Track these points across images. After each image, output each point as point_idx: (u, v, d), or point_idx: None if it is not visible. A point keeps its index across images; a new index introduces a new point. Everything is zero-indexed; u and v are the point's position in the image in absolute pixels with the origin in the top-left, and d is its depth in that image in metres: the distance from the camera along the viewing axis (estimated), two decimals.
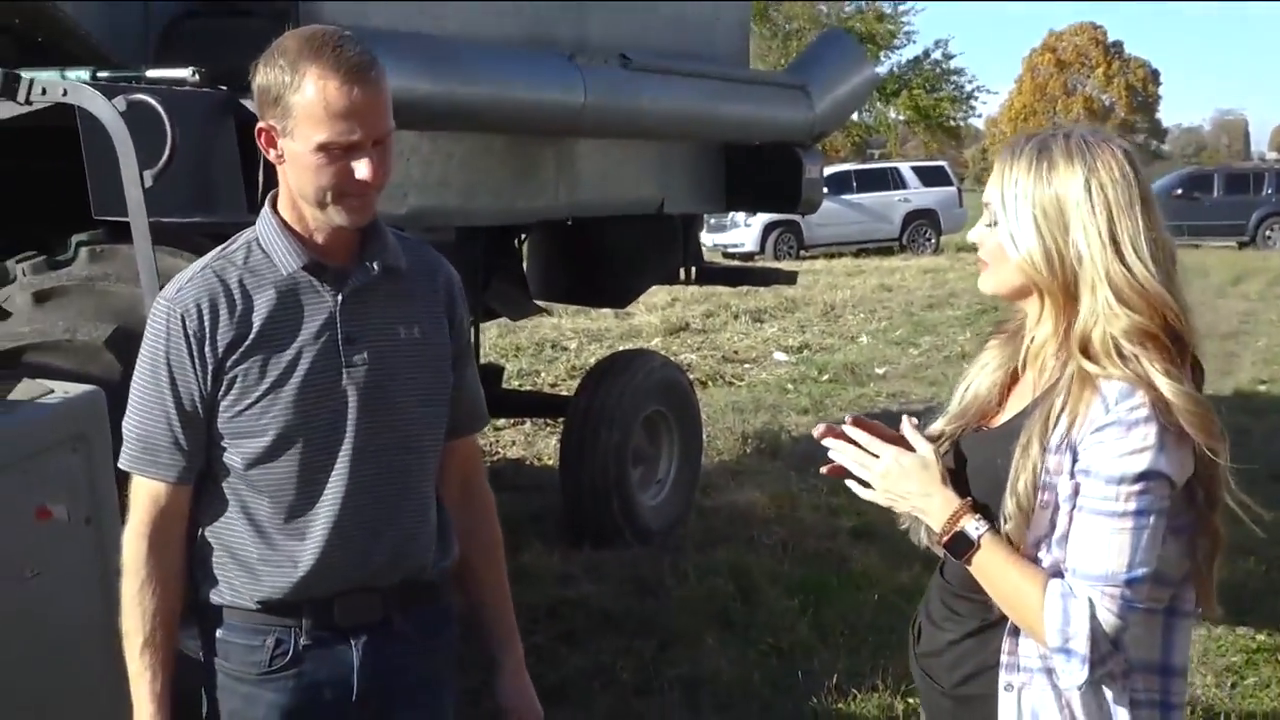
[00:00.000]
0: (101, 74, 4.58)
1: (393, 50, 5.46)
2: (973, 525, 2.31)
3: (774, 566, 6.95)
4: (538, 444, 10.10)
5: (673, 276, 8.65)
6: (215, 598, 2.64)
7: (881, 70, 42.02)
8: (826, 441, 2.45)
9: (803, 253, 30.19)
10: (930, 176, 31.91)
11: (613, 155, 7.32)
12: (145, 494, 2.60)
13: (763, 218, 28.60)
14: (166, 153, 4.01)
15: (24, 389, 3.38)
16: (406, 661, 2.71)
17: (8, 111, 4.19)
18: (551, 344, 15.09)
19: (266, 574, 2.60)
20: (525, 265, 8.59)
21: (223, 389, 2.56)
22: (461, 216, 6.49)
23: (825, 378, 13.53)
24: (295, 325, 2.58)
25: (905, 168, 33.00)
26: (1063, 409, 2.28)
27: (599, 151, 7.20)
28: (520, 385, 12.53)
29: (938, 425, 2.54)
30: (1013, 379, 2.50)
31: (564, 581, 6.84)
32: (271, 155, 2.56)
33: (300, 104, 2.45)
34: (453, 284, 2.81)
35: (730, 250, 29.85)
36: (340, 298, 2.60)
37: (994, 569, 2.30)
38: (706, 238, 30.78)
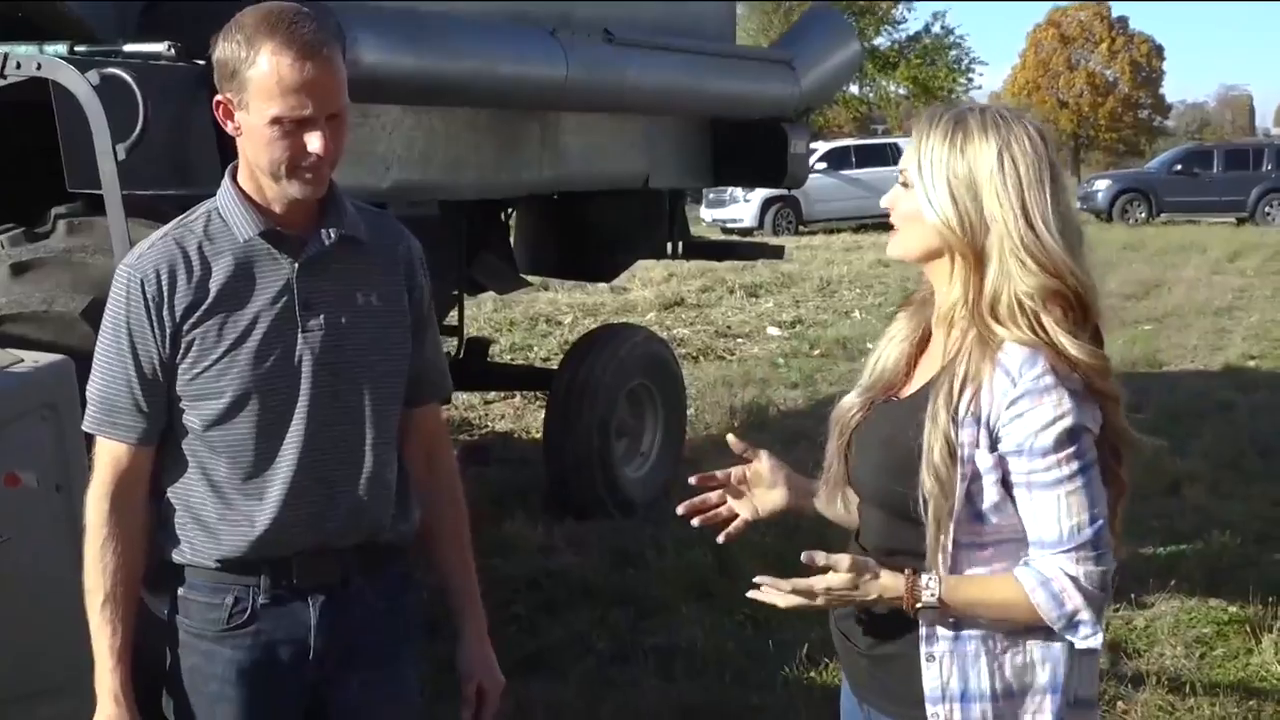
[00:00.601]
0: (79, 48, 4.63)
1: (375, 24, 5.53)
2: (928, 592, 2.37)
3: (754, 539, 6.97)
4: (527, 417, 10.16)
5: (660, 251, 8.68)
6: (177, 556, 2.70)
7: (881, 43, 41.98)
8: (758, 596, 2.49)
9: (801, 228, 30.24)
10: None
11: (598, 130, 7.35)
12: (107, 455, 2.67)
13: (761, 193, 28.64)
14: (139, 126, 4.06)
15: None
16: (364, 622, 2.77)
17: None
18: (546, 319, 15.14)
19: (225, 533, 2.67)
20: (512, 239, 8.63)
21: (181, 352, 2.62)
22: (444, 191, 6.54)
23: (817, 353, 13.58)
24: (252, 291, 2.64)
25: (905, 143, 32.90)
26: (965, 378, 2.36)
27: (584, 126, 7.23)
28: (512, 359, 12.59)
29: (851, 397, 2.61)
30: (920, 349, 2.56)
31: (546, 553, 6.91)
32: (229, 127, 2.62)
33: (255, 78, 2.51)
34: (413, 254, 2.86)
35: (729, 225, 29.89)
36: (297, 265, 2.66)
37: (969, 605, 2.38)
38: (705, 212, 30.90)
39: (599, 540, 7.10)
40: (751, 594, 2.48)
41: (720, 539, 2.72)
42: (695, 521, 2.77)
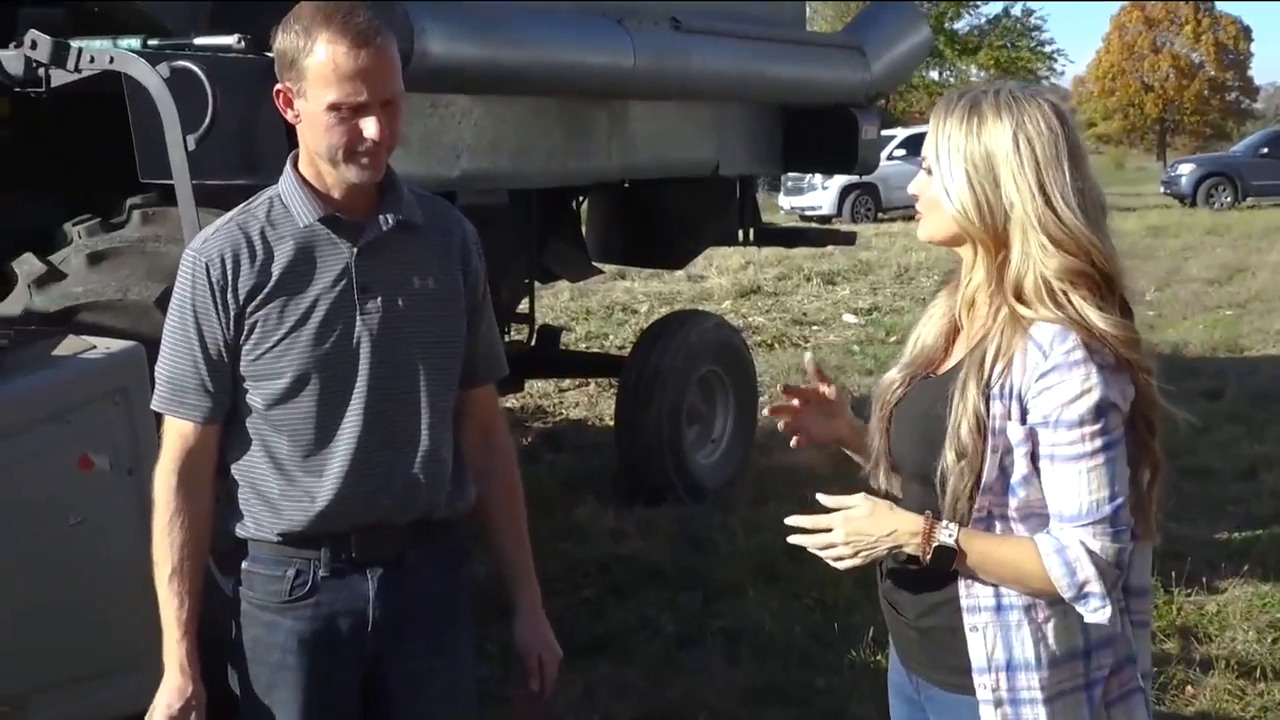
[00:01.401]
0: (152, 42, 4.73)
1: (443, 16, 5.60)
2: (945, 534, 2.41)
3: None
4: (601, 405, 10.21)
5: (730, 237, 8.70)
6: (241, 531, 2.81)
7: (960, 27, 41.67)
8: (795, 540, 2.55)
9: (880, 215, 30.09)
10: None
11: (666, 117, 7.39)
12: (175, 433, 2.78)
13: (840, 180, 28.53)
14: (209, 117, 4.15)
15: (68, 344, 3.54)
16: (420, 595, 2.86)
17: (60, 79, 4.34)
18: (622, 307, 15.18)
19: (286, 508, 2.77)
20: (584, 227, 8.69)
21: (244, 333, 2.72)
22: (513, 179, 6.60)
23: (892, 340, 13.54)
24: (312, 274, 2.74)
25: None
26: (997, 353, 2.39)
27: (652, 114, 7.27)
28: (588, 347, 12.65)
29: (893, 373, 2.65)
30: (959, 326, 2.59)
31: (615, 537, 6.97)
32: (289, 115, 2.73)
33: (312, 66, 2.62)
34: (467, 239, 2.95)
35: (808, 213, 29.81)
36: (356, 249, 2.75)
37: (982, 559, 2.41)
38: (783, 200, 30.85)
39: (669, 525, 7.14)
40: (790, 539, 2.54)
41: (792, 444, 2.82)
42: (780, 425, 2.84)
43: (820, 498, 2.55)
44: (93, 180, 5.18)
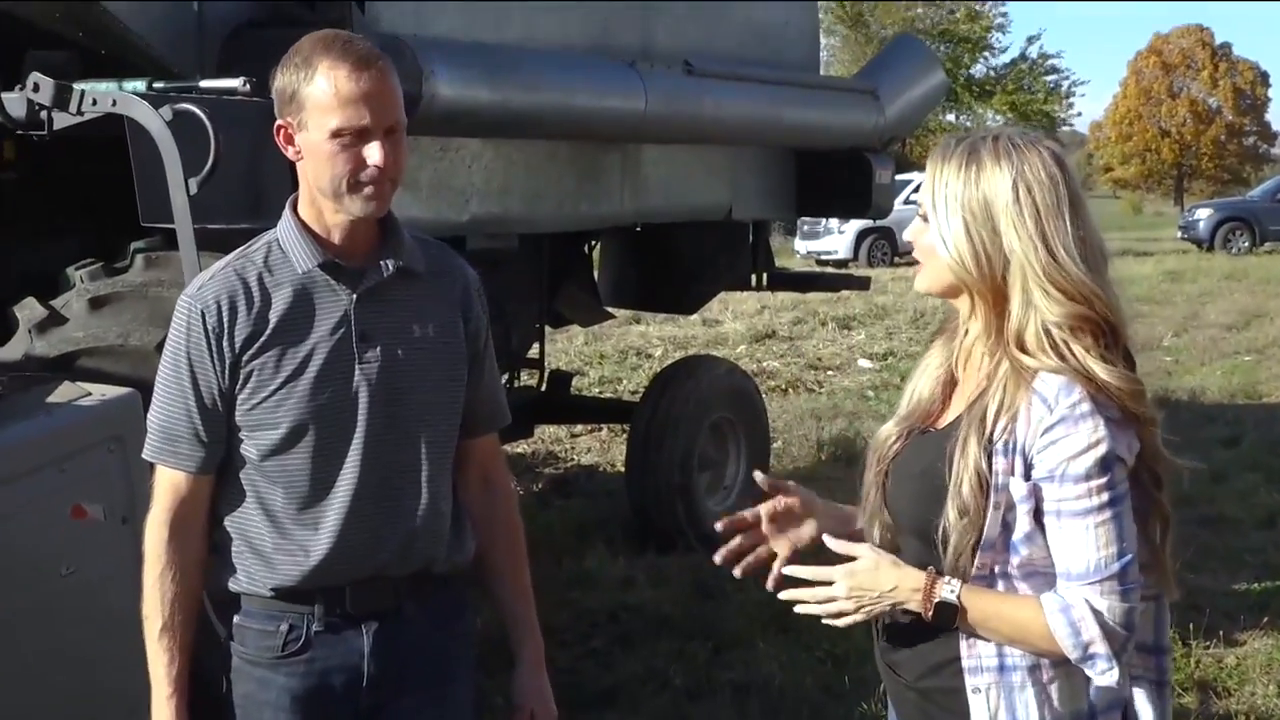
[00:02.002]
0: (157, 84, 4.69)
1: (452, 58, 5.56)
2: (947, 590, 2.34)
3: None
4: (612, 450, 10.14)
5: (743, 282, 8.67)
6: (233, 584, 2.73)
7: (976, 71, 41.65)
8: (788, 595, 2.51)
9: (896, 259, 30.04)
10: None
11: (679, 161, 7.36)
12: (167, 483, 2.71)
13: (855, 224, 28.49)
14: (211, 160, 4.11)
15: (63, 391, 3.48)
16: (417, 648, 2.78)
17: (62, 122, 4.31)
18: (636, 351, 15.12)
19: (280, 562, 2.69)
20: (596, 271, 8.65)
21: (240, 382, 2.65)
22: (524, 224, 6.56)
23: None
24: (310, 322, 2.67)
25: None
26: (999, 408, 2.32)
27: (665, 158, 7.24)
28: (601, 392, 12.59)
29: (889, 426, 2.57)
30: (955, 378, 2.52)
31: (625, 586, 6.88)
32: (290, 153, 2.66)
33: (312, 94, 2.56)
34: (469, 286, 2.88)
35: (823, 257, 29.77)
36: (355, 296, 2.68)
37: (985, 617, 2.34)
38: (799, 244, 30.82)
39: (679, 573, 7.05)
40: (782, 594, 2.51)
41: (736, 573, 2.69)
42: (736, 571, 2.72)
43: (827, 540, 2.49)
44: (101, 223, 5.14)
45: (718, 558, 2.72)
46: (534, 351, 8.27)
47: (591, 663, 5.94)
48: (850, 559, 2.42)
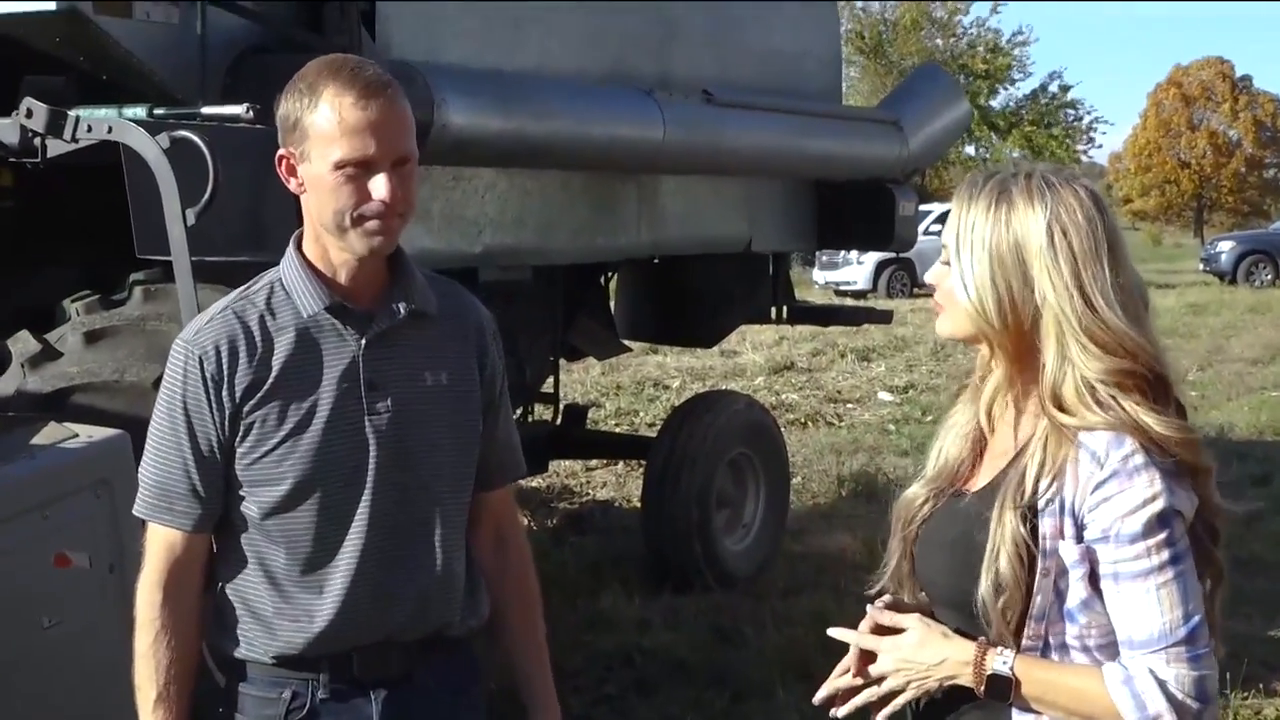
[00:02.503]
0: (157, 111, 4.54)
1: (464, 86, 5.40)
2: (999, 662, 2.15)
3: (859, 616, 6.72)
4: (629, 485, 9.95)
5: (762, 315, 8.51)
6: (231, 651, 2.55)
7: (995, 104, 41.50)
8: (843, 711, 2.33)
9: (916, 290, 29.86)
10: None
11: (698, 192, 7.21)
12: (160, 543, 2.51)
13: (875, 255, 28.34)
14: (209, 190, 3.93)
15: (48, 433, 3.31)
16: (429, 715, 2.60)
17: (56, 149, 4.15)
18: (654, 382, 14.94)
19: (282, 628, 2.51)
20: (612, 303, 8.49)
21: (240, 434, 2.46)
22: (538, 255, 6.41)
23: (929, 419, 13.25)
24: (316, 369, 2.48)
25: None
26: (1040, 469, 2.14)
27: (683, 188, 7.09)
28: (617, 425, 12.42)
29: (916, 489, 2.38)
30: (985, 435, 2.34)
31: (641, 628, 6.69)
32: (293, 185, 2.48)
33: (316, 123, 2.38)
34: (484, 328, 2.69)
35: (842, 288, 29.62)
36: (364, 341, 2.50)
37: (1042, 690, 2.15)
38: (818, 275, 30.69)
39: (697, 615, 6.86)
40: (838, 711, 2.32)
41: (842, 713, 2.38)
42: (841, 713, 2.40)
43: (872, 610, 2.31)
44: (102, 254, 4.98)
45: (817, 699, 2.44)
46: (549, 385, 8.11)
47: (606, 709, 5.76)
48: (897, 630, 2.24)
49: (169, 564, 2.50)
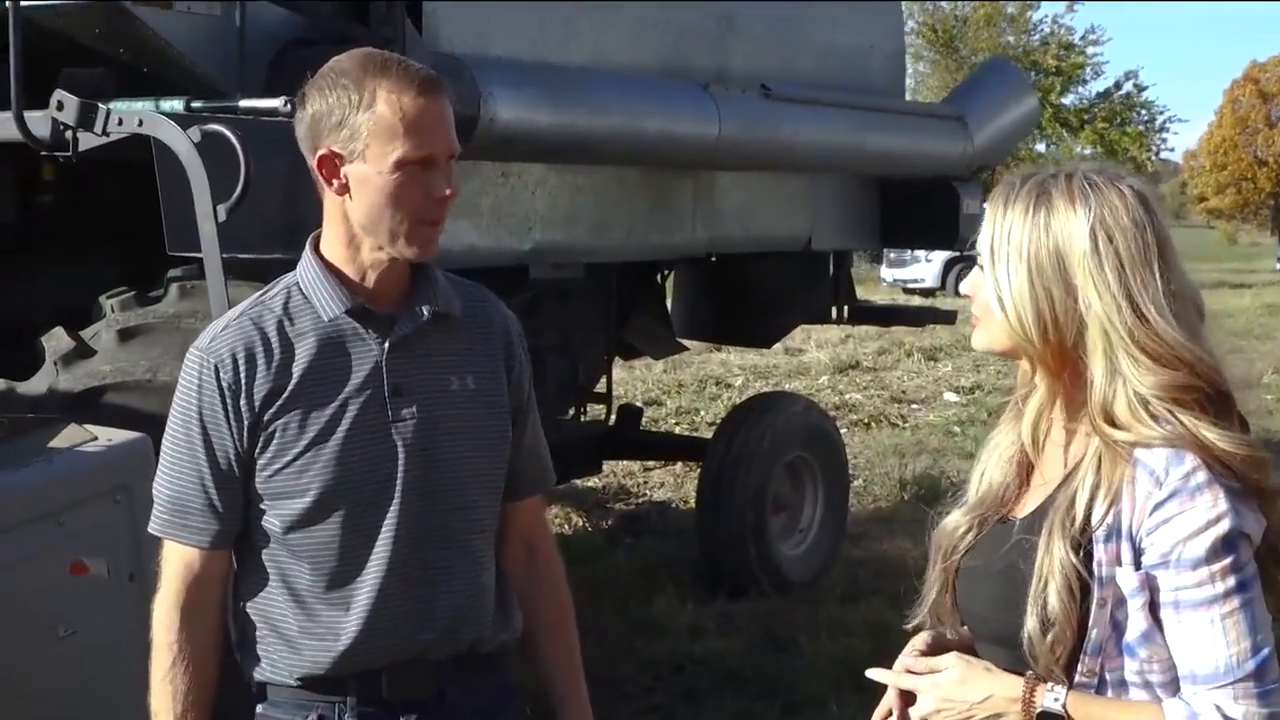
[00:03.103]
0: (195, 104, 4.44)
1: (512, 79, 5.28)
2: (1051, 699, 1.98)
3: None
4: (687, 486, 9.80)
5: (823, 314, 8.36)
6: (255, 673, 2.44)
7: (1067, 102, 40.94)
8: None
9: None
10: None
11: (756, 189, 7.07)
12: (177, 561, 2.40)
13: (943, 253, 28.06)
14: (240, 185, 3.82)
15: (67, 435, 3.20)
16: None
17: (88, 142, 4.05)
18: (716, 380, 14.78)
19: (307, 647, 2.39)
20: (670, 302, 8.35)
21: (260, 446, 2.35)
22: (590, 252, 6.29)
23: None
24: (338, 376, 2.36)
25: None
26: (1093, 492, 1.97)
27: (740, 185, 6.96)
28: (677, 424, 12.28)
29: (957, 516, 2.20)
30: (1029, 459, 2.17)
31: (693, 635, 6.55)
32: (333, 186, 2.35)
33: (372, 121, 2.27)
34: (510, 331, 2.57)
35: (910, 285, 29.36)
36: (387, 346, 2.38)
37: None
38: (885, 272, 30.46)
39: (750, 623, 6.71)
40: None
41: None
42: None
43: (904, 661, 2.15)
44: (141, 249, 4.89)
45: None
46: (600, 385, 7.98)
47: (654, 719, 5.60)
48: (936, 670, 2.09)
49: (186, 583, 2.39)
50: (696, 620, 6.74)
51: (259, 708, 2.44)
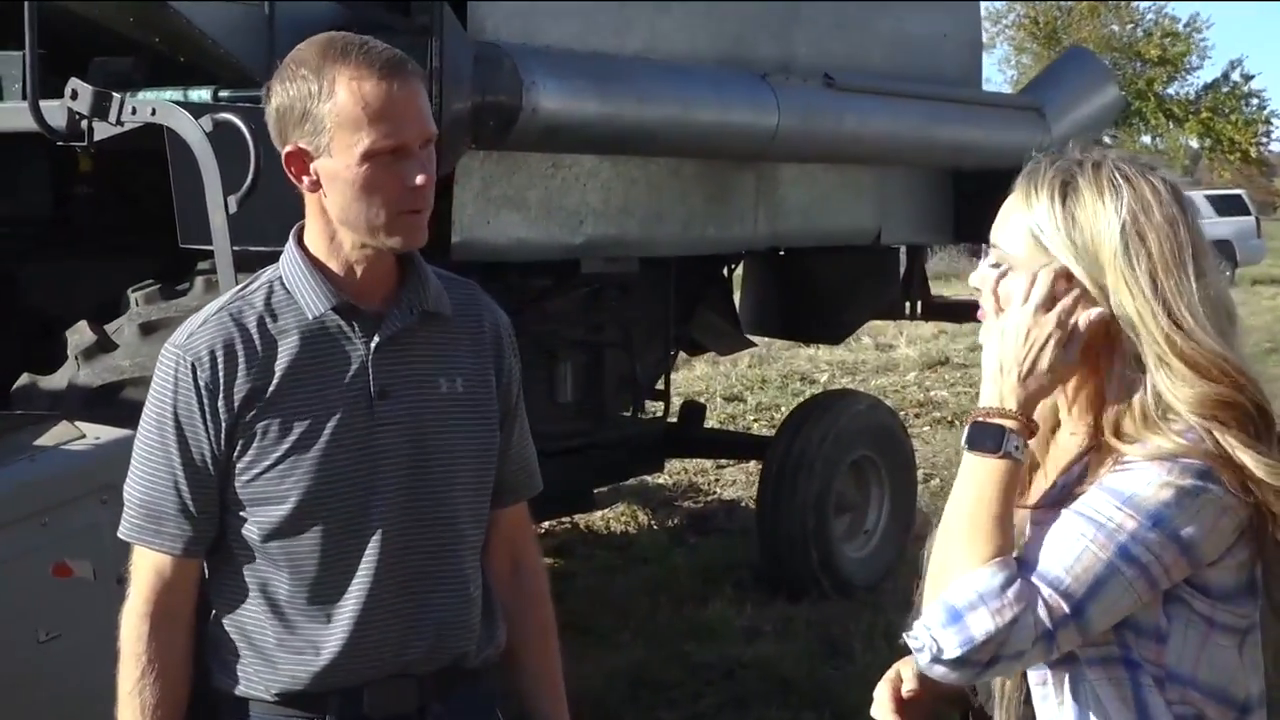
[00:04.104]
0: (223, 93, 4.36)
1: (557, 68, 5.16)
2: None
3: None
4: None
5: (895, 311, 8.16)
6: (229, 688, 2.31)
7: (1172, 92, 40.19)
8: None
9: None
10: (1226, 205, 30.29)
11: (822, 182, 6.90)
12: (148, 567, 2.28)
13: None
14: (250, 175, 3.72)
15: (55, 433, 3.12)
16: None
17: (103, 132, 3.98)
18: (800, 376, 14.57)
19: (284, 661, 2.27)
20: (737, 297, 8.19)
21: (238, 449, 2.23)
22: (645, 247, 6.15)
23: None
24: (321, 376, 2.24)
25: (1199, 196, 31.49)
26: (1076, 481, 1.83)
27: (806, 177, 6.78)
28: (755, 421, 12.11)
29: None
30: (1044, 448, 1.99)
31: (748, 638, 6.38)
32: (304, 183, 2.23)
33: (334, 112, 2.14)
34: (501, 331, 2.44)
35: None
36: (373, 345, 2.25)
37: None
38: (982, 265, 29.93)
39: (808, 627, 6.53)
40: None
41: None
42: None
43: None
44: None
45: None
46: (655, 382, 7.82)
47: None
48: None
49: (157, 591, 2.27)
50: (753, 624, 6.59)
51: None
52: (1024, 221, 1.88)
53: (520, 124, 5.01)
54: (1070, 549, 1.74)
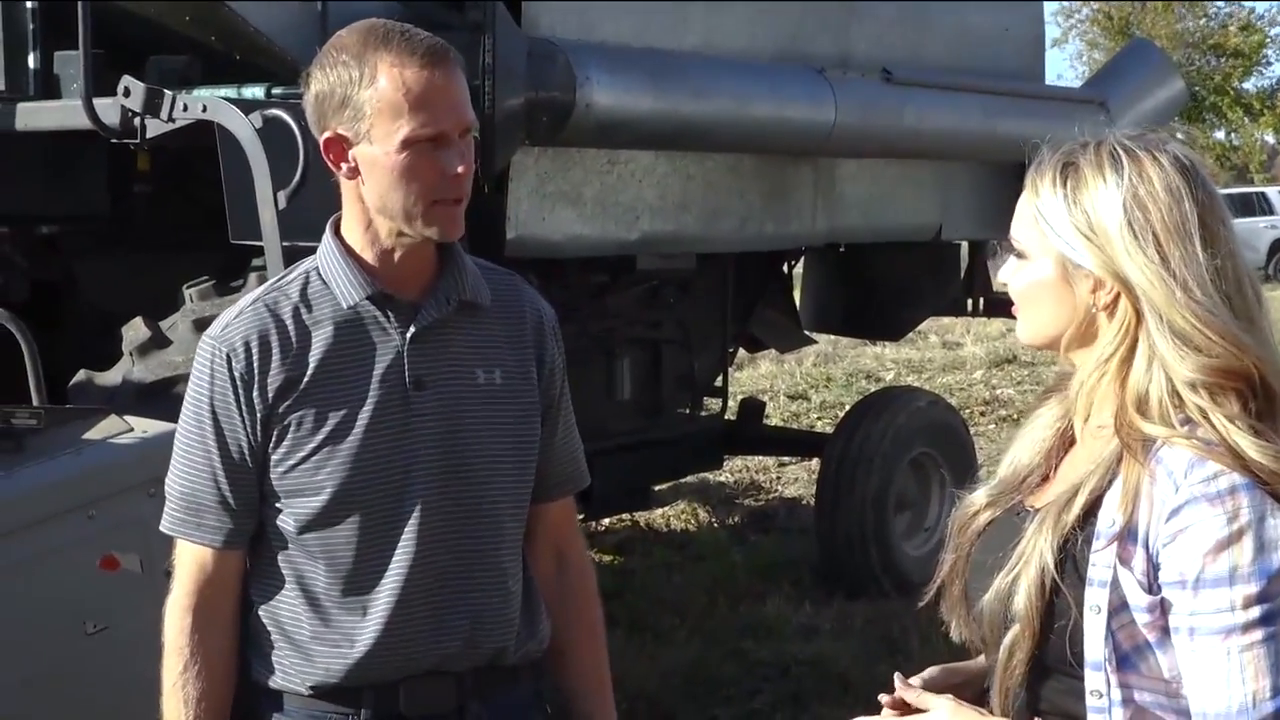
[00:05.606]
0: (276, 90, 4.39)
1: (611, 64, 5.15)
2: None
3: None
4: None
5: (956, 307, 8.10)
6: (265, 680, 2.31)
7: (1249, 86, 39.64)
8: None
9: None
10: None
11: (881, 177, 6.86)
12: (190, 561, 2.29)
13: None
14: (299, 171, 3.73)
15: (104, 426, 3.14)
16: None
17: (155, 129, 4.01)
18: (866, 374, 14.49)
19: (320, 654, 2.26)
20: (798, 293, 8.16)
21: (273, 440, 2.22)
22: (702, 243, 6.14)
23: None
24: (357, 366, 2.23)
25: (1273, 192, 31.04)
26: (1101, 488, 1.78)
27: (864, 173, 6.75)
28: (819, 419, 12.05)
29: (977, 495, 2.01)
30: (1066, 444, 1.95)
31: (806, 636, 6.35)
32: (342, 170, 2.22)
33: (374, 98, 2.14)
34: (543, 322, 2.41)
35: None
36: (409, 335, 2.24)
37: None
38: None
39: (866, 625, 6.49)
40: None
41: None
42: None
43: (899, 684, 2.04)
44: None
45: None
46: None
47: None
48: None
49: (200, 584, 2.27)
50: (811, 621, 6.55)
51: (273, 717, 2.31)
52: (1031, 210, 1.86)
53: (574, 120, 5.01)
54: (1230, 671, 1.70)
